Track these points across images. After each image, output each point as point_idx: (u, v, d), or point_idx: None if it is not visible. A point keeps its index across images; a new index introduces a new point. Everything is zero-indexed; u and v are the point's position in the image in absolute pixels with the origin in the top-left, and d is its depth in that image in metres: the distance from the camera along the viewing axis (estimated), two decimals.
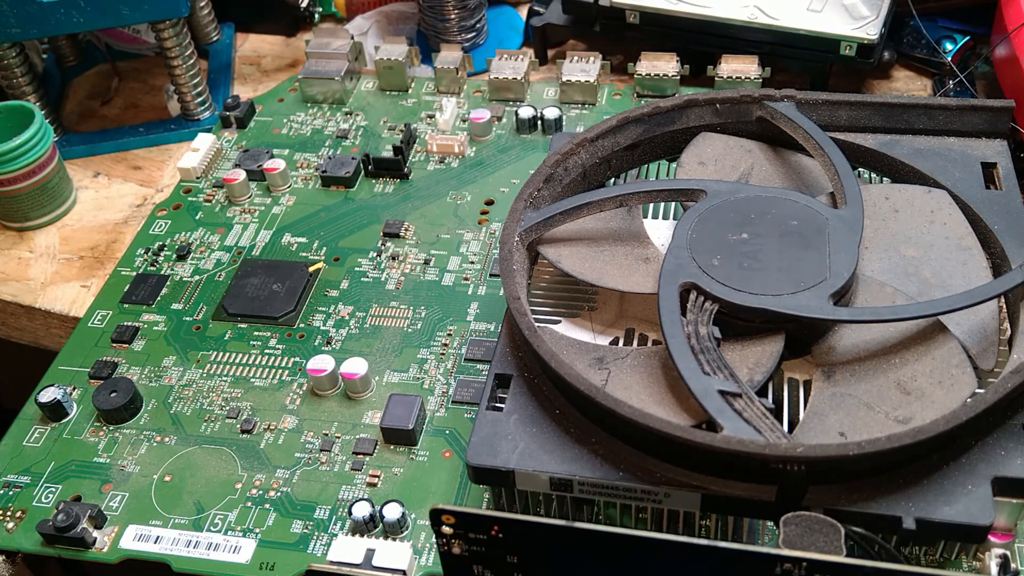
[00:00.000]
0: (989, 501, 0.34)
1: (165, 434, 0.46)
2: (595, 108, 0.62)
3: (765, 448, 0.33)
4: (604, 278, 0.43)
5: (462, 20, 0.67)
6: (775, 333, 0.39)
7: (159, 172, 0.63)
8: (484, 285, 0.51)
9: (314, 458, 0.44)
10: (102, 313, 0.52)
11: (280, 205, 0.58)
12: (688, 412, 0.37)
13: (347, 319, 0.50)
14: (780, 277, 0.40)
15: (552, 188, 0.46)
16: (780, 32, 0.57)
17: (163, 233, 0.57)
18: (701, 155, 0.48)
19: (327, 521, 0.42)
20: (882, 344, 0.39)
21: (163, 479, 0.44)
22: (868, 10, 0.56)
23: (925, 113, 0.47)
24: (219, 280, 0.53)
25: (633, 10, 0.60)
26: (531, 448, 0.37)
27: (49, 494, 0.44)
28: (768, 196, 0.43)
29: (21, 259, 0.58)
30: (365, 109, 0.64)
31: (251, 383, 0.48)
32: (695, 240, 0.42)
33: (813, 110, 0.48)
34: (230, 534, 0.42)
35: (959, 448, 0.35)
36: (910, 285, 0.41)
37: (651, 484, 0.35)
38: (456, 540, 0.35)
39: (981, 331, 0.40)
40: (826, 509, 0.34)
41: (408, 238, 0.55)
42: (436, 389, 0.47)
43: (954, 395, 0.37)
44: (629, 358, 0.40)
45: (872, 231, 0.44)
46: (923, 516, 0.34)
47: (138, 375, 0.49)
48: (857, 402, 0.37)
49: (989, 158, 0.46)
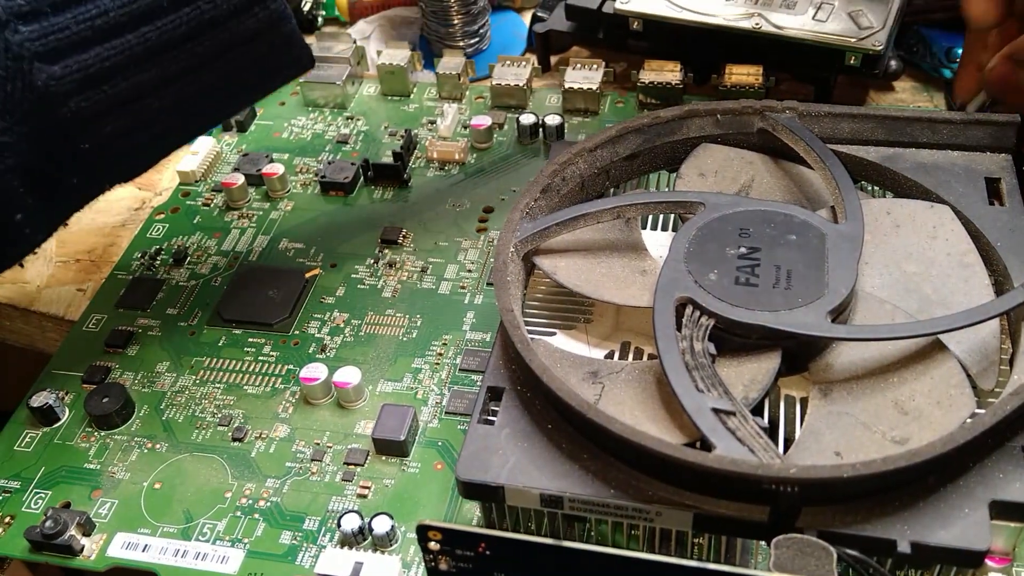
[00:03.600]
0: (986, 525, 0.33)
1: (156, 441, 0.46)
2: (598, 116, 0.61)
3: (758, 468, 0.33)
4: (600, 290, 0.43)
5: (465, 25, 0.67)
6: (772, 350, 0.39)
7: (158, 175, 0.63)
8: (481, 294, 0.51)
9: (305, 468, 0.44)
10: (97, 317, 0.52)
11: (278, 210, 0.57)
12: (682, 429, 0.37)
13: (342, 327, 0.50)
14: (777, 293, 0.39)
15: (549, 198, 0.46)
16: (784, 41, 0.56)
17: (160, 237, 0.57)
18: (701, 166, 0.48)
19: (316, 532, 0.41)
20: (880, 362, 0.39)
21: (153, 486, 0.44)
22: (874, 20, 0.55)
23: (929, 127, 0.46)
24: (215, 285, 0.53)
25: (636, 17, 0.60)
26: (522, 463, 0.36)
27: (39, 500, 0.44)
28: (767, 210, 0.43)
29: None
30: (366, 114, 0.64)
31: (244, 390, 0.47)
32: (692, 254, 0.41)
33: (815, 122, 0.47)
34: (218, 544, 0.41)
35: (956, 470, 0.35)
36: (911, 302, 0.41)
37: (642, 502, 0.35)
38: (443, 556, 0.35)
39: (982, 350, 0.39)
40: (820, 531, 0.33)
41: (406, 245, 0.54)
42: (430, 399, 0.46)
43: (952, 416, 0.36)
44: (624, 373, 0.40)
45: (873, 246, 0.43)
46: (918, 540, 0.33)
47: (131, 380, 0.48)
48: (854, 421, 0.37)
49: (993, 173, 0.45)
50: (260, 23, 0.42)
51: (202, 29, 0.40)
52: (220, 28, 0.41)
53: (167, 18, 0.39)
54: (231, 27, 0.41)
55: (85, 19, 0.38)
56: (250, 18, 0.42)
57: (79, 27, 0.37)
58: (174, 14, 0.40)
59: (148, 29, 0.39)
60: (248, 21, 0.42)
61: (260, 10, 0.42)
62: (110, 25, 0.38)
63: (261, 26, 0.42)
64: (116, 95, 0.39)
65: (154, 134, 0.42)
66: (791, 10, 0.57)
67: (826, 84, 0.58)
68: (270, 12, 0.42)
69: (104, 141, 0.40)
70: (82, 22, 0.38)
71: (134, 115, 0.40)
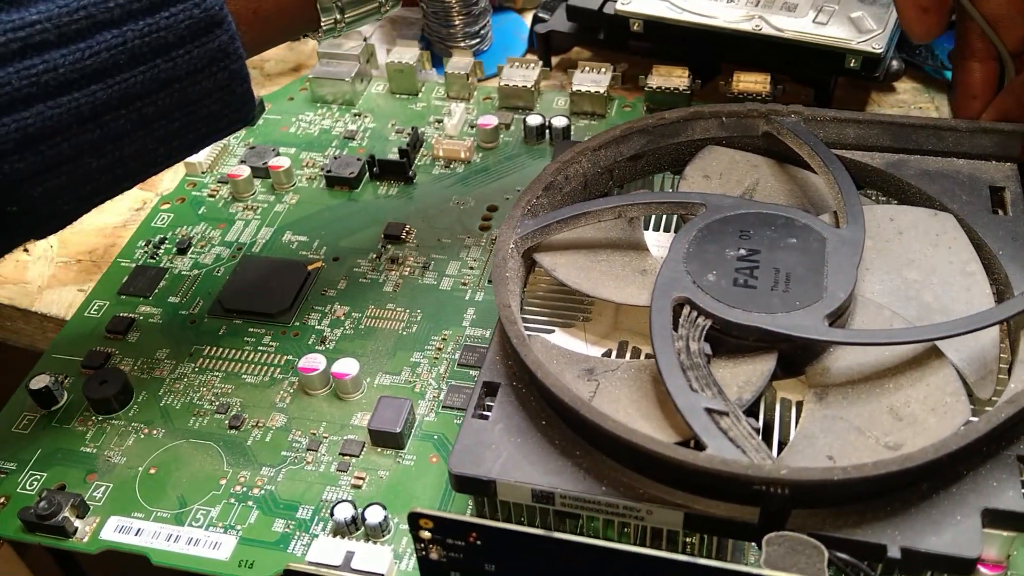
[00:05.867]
0: (978, 533, 0.33)
1: (153, 426, 0.46)
2: (605, 119, 0.61)
3: (748, 469, 0.33)
4: (599, 288, 0.43)
5: (467, 26, 0.67)
6: (768, 352, 0.39)
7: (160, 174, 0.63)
8: (482, 292, 0.51)
9: (300, 457, 0.44)
10: (99, 303, 0.52)
11: (283, 203, 0.58)
12: (675, 429, 0.37)
13: (343, 319, 0.50)
14: (775, 295, 0.39)
15: (552, 196, 0.46)
16: (785, 44, 0.56)
17: (165, 226, 0.57)
18: (706, 168, 0.48)
19: (309, 521, 0.41)
20: (877, 368, 0.39)
21: (148, 471, 0.44)
22: (874, 23, 0.55)
23: (934, 134, 0.46)
24: (217, 275, 0.53)
25: (637, 19, 0.60)
26: (514, 458, 0.36)
27: (34, 481, 0.44)
28: (768, 213, 0.43)
29: (19, 262, 0.57)
30: (374, 111, 0.64)
31: (242, 379, 0.48)
32: (692, 254, 0.41)
33: (820, 127, 0.47)
34: (211, 530, 0.41)
35: (950, 477, 0.34)
36: (910, 308, 0.41)
37: (633, 500, 0.35)
38: (434, 546, 0.35)
39: (981, 358, 0.39)
40: (810, 533, 0.33)
41: (409, 241, 0.54)
42: (427, 393, 0.46)
43: (947, 423, 0.36)
44: (619, 371, 0.40)
45: (875, 252, 0.43)
46: (909, 545, 0.33)
47: (131, 366, 0.49)
48: (848, 426, 0.37)
49: (998, 182, 0.45)
50: (217, 83, 0.39)
51: (155, 88, 0.37)
52: (174, 87, 0.38)
53: (119, 76, 0.36)
54: (185, 86, 0.38)
55: (31, 75, 0.34)
56: (207, 78, 0.38)
57: (22, 83, 0.34)
58: (128, 72, 0.36)
59: (98, 87, 0.36)
60: (205, 81, 0.38)
61: (219, 71, 0.39)
62: (58, 82, 0.34)
63: (217, 86, 0.39)
64: (54, 156, 0.35)
65: (86, 192, 0.38)
66: (792, 12, 0.57)
67: (826, 87, 0.58)
68: (229, 73, 0.39)
69: (31, 204, 0.36)
70: (26, 78, 0.34)
71: (69, 176, 0.37)
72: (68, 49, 0.35)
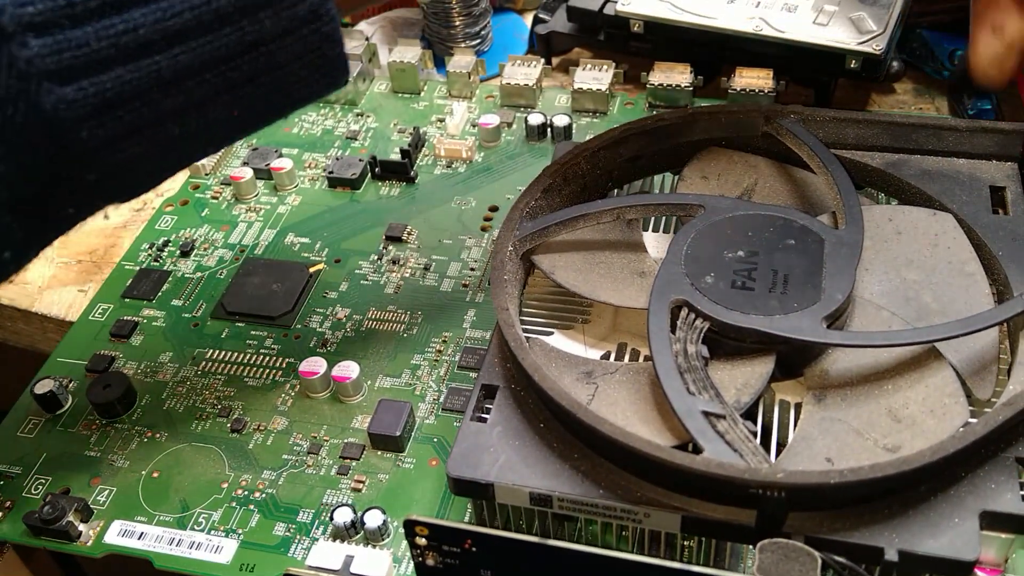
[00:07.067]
0: (976, 535, 0.33)
1: (156, 430, 0.46)
2: (606, 117, 0.61)
3: (745, 472, 0.33)
4: (597, 291, 0.43)
5: (467, 27, 0.67)
6: (766, 354, 0.39)
7: None
8: (483, 293, 0.51)
9: (301, 460, 0.44)
10: (103, 306, 0.53)
11: (286, 205, 0.58)
12: (672, 431, 0.37)
13: (344, 321, 0.50)
14: (774, 297, 0.39)
15: (551, 198, 0.46)
16: (785, 44, 0.56)
17: (169, 229, 0.57)
18: (704, 169, 0.48)
19: (309, 525, 0.42)
20: (875, 369, 0.38)
21: (151, 475, 0.44)
22: (875, 24, 0.55)
23: (934, 134, 0.46)
24: (220, 278, 0.54)
25: (638, 19, 0.59)
26: (512, 461, 0.37)
27: (39, 486, 0.44)
28: (767, 214, 0.43)
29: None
30: (376, 111, 0.64)
31: (244, 382, 0.48)
32: (690, 256, 0.41)
33: (820, 127, 0.47)
34: (213, 534, 0.42)
35: (948, 480, 0.34)
36: (909, 309, 0.41)
37: (631, 503, 0.35)
38: (430, 552, 0.35)
39: (980, 360, 0.39)
40: (808, 536, 0.33)
41: (410, 242, 0.54)
42: (427, 396, 0.46)
43: (945, 425, 0.36)
44: (618, 373, 0.40)
45: (873, 253, 0.43)
46: (906, 548, 0.33)
47: (134, 370, 0.49)
48: (846, 428, 0.37)
49: (998, 182, 0.45)
50: (307, 46, 0.36)
51: (241, 51, 0.35)
52: (261, 50, 0.35)
53: (204, 38, 0.34)
54: (273, 49, 0.36)
55: (109, 35, 0.32)
56: (296, 41, 0.36)
57: (101, 44, 0.32)
58: (213, 34, 0.34)
59: (180, 50, 0.33)
60: (293, 44, 0.36)
61: (309, 32, 0.36)
62: (138, 43, 0.32)
63: (307, 48, 0.37)
64: (133, 122, 0.34)
65: (166, 161, 0.37)
66: (792, 13, 0.57)
67: (826, 88, 0.58)
68: (320, 36, 0.36)
69: (111, 170, 0.35)
70: (105, 38, 0.32)
71: (149, 143, 0.35)
72: (149, 8, 0.33)
